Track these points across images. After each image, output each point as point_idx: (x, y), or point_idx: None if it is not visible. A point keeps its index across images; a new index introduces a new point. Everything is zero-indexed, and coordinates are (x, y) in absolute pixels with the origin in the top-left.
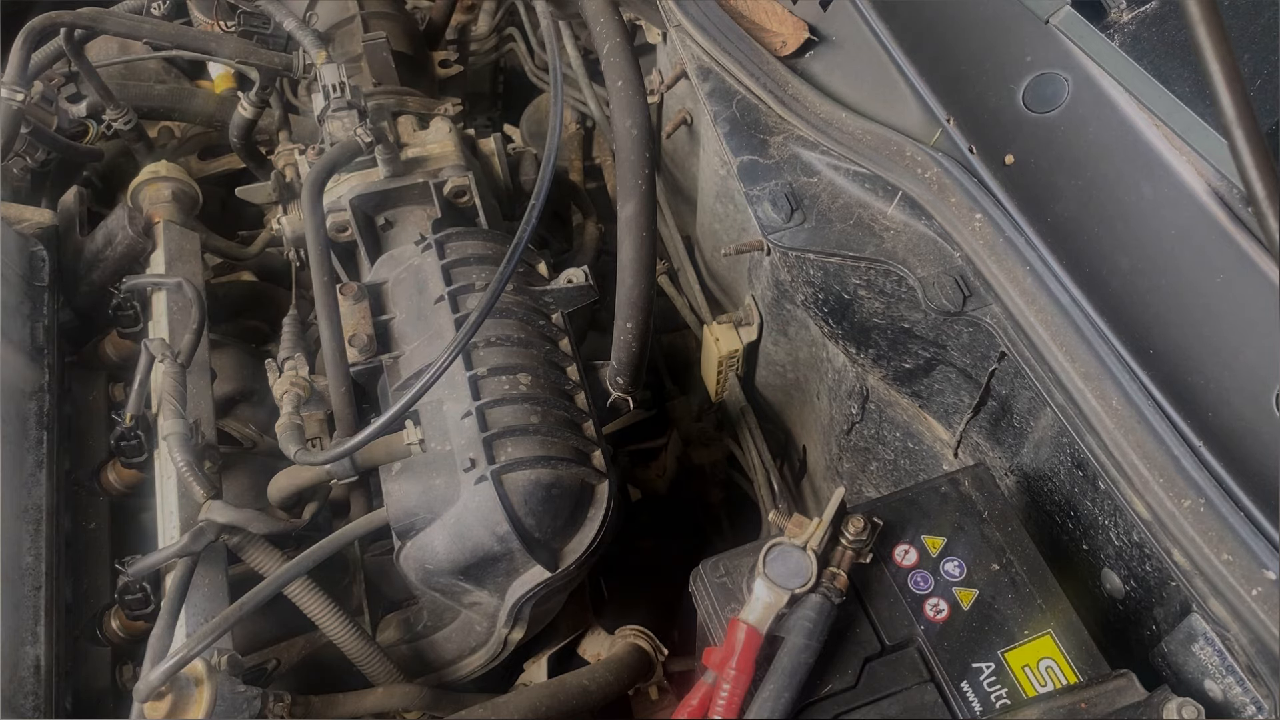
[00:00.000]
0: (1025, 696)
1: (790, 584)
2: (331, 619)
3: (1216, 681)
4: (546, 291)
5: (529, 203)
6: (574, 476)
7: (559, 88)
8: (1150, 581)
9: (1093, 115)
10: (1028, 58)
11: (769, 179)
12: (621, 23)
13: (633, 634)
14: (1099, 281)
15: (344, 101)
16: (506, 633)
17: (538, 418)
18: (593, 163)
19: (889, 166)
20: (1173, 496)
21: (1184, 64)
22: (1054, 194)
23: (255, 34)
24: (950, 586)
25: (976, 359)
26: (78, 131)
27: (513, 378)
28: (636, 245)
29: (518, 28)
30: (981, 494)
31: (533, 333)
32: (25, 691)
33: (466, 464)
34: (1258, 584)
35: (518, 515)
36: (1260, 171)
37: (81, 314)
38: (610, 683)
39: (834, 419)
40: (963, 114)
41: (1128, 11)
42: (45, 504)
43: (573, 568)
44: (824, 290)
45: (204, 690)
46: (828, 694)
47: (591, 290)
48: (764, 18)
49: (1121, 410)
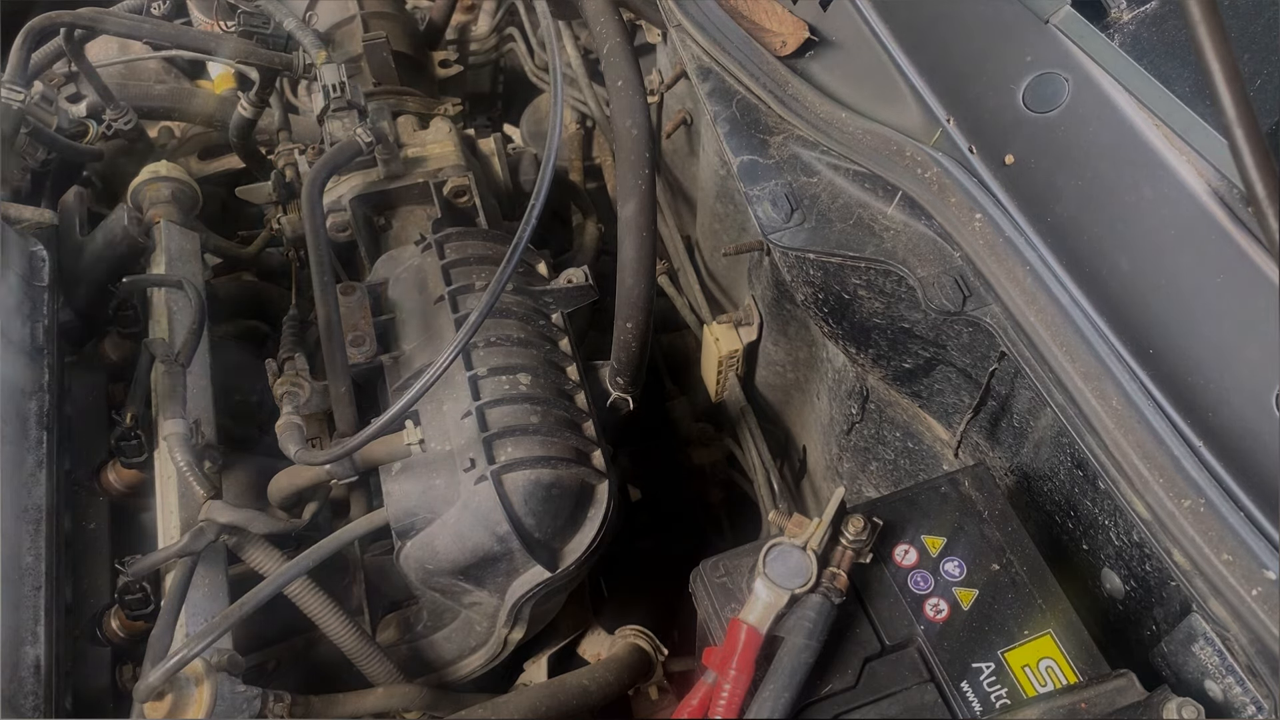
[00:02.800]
0: (1025, 696)
1: (790, 584)
2: (331, 619)
3: (1216, 681)
4: (546, 291)
5: (529, 203)
6: (574, 476)
7: (559, 88)
8: (1150, 581)
9: (1093, 115)
10: (1028, 58)
11: (769, 179)
12: (621, 23)
13: (633, 634)
14: (1099, 281)
15: (344, 101)
16: (506, 633)
17: (538, 418)
18: (593, 163)
19: (889, 166)
20: (1173, 496)
21: (1184, 64)
22: (1054, 194)
23: (255, 34)
24: (950, 586)
25: (976, 359)
26: (78, 131)
27: (512, 378)
28: (636, 245)
29: (518, 28)
30: (981, 494)
31: (533, 333)
32: (25, 691)
33: (466, 464)
34: (1258, 584)
35: (518, 515)
36: (1260, 171)
37: (81, 314)
38: (610, 683)
39: (834, 419)
40: (963, 114)
41: (1128, 11)
42: (45, 504)
43: (573, 568)
44: (824, 290)
45: (204, 690)
46: (828, 694)
47: (591, 290)
48: (764, 18)
49: (1121, 410)
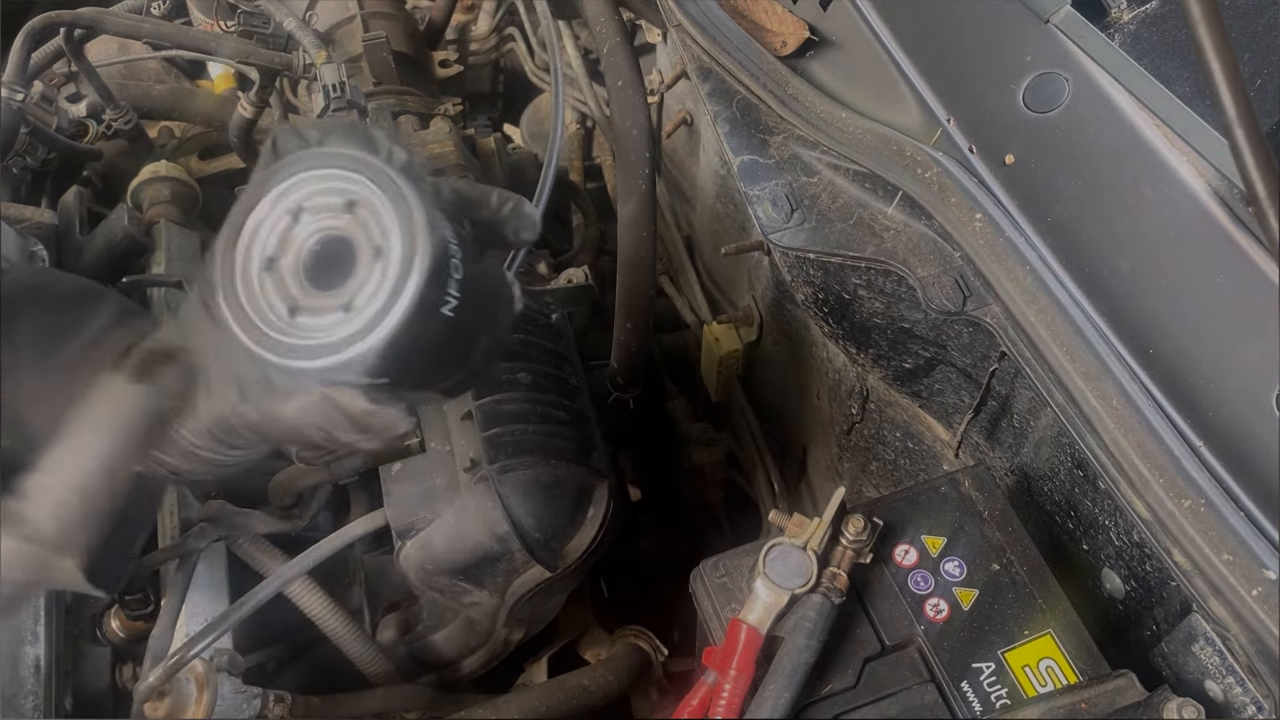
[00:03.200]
0: (1025, 696)
1: (790, 584)
2: (331, 619)
3: (1217, 681)
4: (546, 291)
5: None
6: (574, 476)
7: (560, 88)
8: (1150, 581)
9: (1093, 115)
10: (1028, 57)
11: (769, 179)
12: (621, 23)
13: (633, 634)
14: (1099, 281)
15: (344, 101)
16: (506, 633)
17: (538, 418)
18: (593, 163)
19: (889, 166)
20: (1173, 496)
21: (1185, 64)
22: (1054, 194)
23: (255, 34)
24: (950, 586)
25: (977, 359)
26: (77, 131)
27: (512, 378)
28: (636, 245)
29: (518, 27)
30: (982, 494)
31: (532, 333)
32: (25, 691)
33: (466, 464)
34: (1258, 584)
35: (517, 515)
36: (1261, 171)
37: None
38: (610, 683)
39: (834, 419)
40: (963, 114)
41: (1128, 11)
42: None
43: (573, 568)
44: (824, 290)
45: (204, 690)
46: (828, 694)
47: (591, 290)
48: (764, 17)
49: (1122, 410)
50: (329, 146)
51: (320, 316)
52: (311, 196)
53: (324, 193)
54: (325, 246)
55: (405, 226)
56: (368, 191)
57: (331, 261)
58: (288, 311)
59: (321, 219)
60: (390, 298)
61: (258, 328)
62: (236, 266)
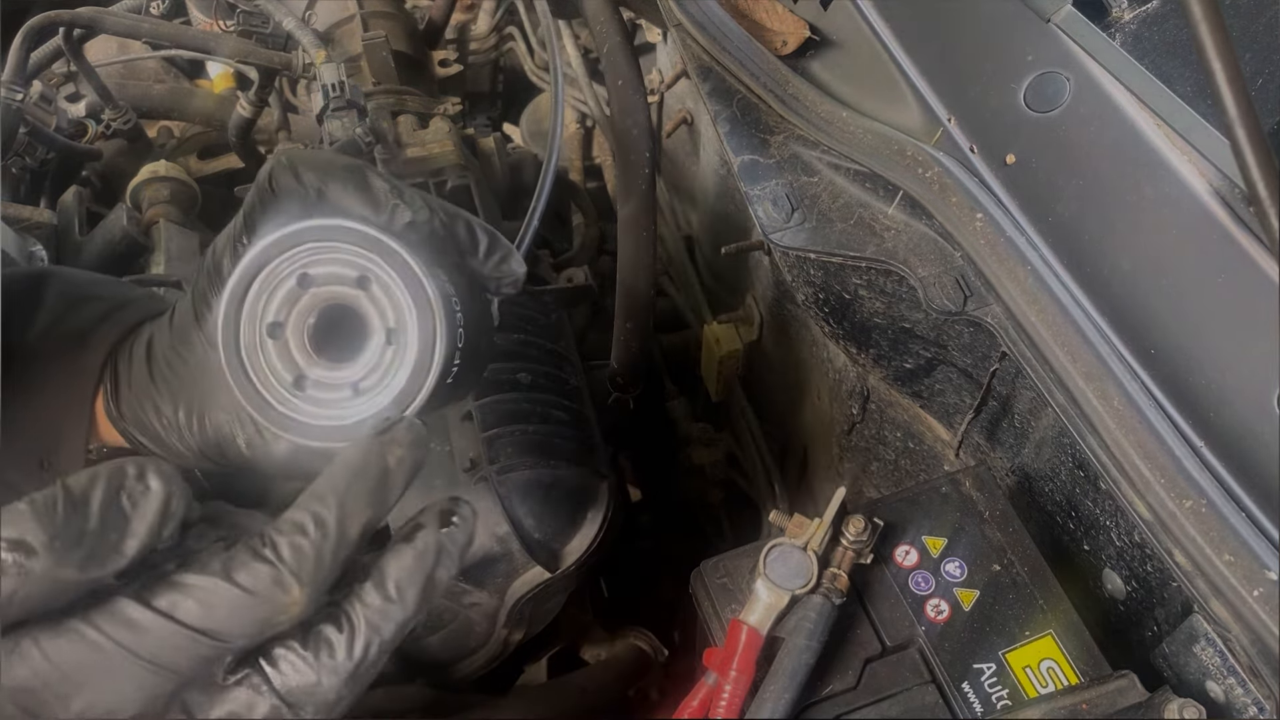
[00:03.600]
0: (1026, 697)
1: (791, 585)
2: None
3: (1218, 682)
4: (546, 291)
5: (529, 203)
6: (574, 477)
7: (560, 87)
8: (1152, 582)
9: (1094, 115)
10: (1029, 57)
11: (769, 178)
12: (621, 22)
13: (633, 634)
14: (1100, 281)
15: (343, 101)
16: (506, 633)
17: (538, 418)
18: (593, 163)
19: (890, 166)
20: (1174, 497)
21: (1186, 63)
22: (1055, 194)
23: (254, 33)
24: (951, 587)
25: (977, 359)
26: (76, 131)
27: (512, 378)
28: (636, 245)
29: (517, 27)
30: (982, 494)
31: (532, 332)
32: None
33: (466, 464)
34: (1259, 585)
35: (517, 516)
36: (1262, 171)
37: None
38: (610, 683)
39: (834, 419)
40: (964, 113)
41: (1129, 11)
42: None
43: (573, 568)
44: (825, 290)
45: None
46: (829, 695)
47: (591, 290)
48: (764, 17)
49: (1123, 410)
50: (330, 195)
51: (327, 392)
52: (320, 264)
53: (334, 263)
54: (333, 313)
55: (423, 319)
56: (381, 271)
57: (338, 329)
58: (293, 382)
59: (331, 288)
60: (408, 389)
61: (261, 395)
62: (241, 329)
